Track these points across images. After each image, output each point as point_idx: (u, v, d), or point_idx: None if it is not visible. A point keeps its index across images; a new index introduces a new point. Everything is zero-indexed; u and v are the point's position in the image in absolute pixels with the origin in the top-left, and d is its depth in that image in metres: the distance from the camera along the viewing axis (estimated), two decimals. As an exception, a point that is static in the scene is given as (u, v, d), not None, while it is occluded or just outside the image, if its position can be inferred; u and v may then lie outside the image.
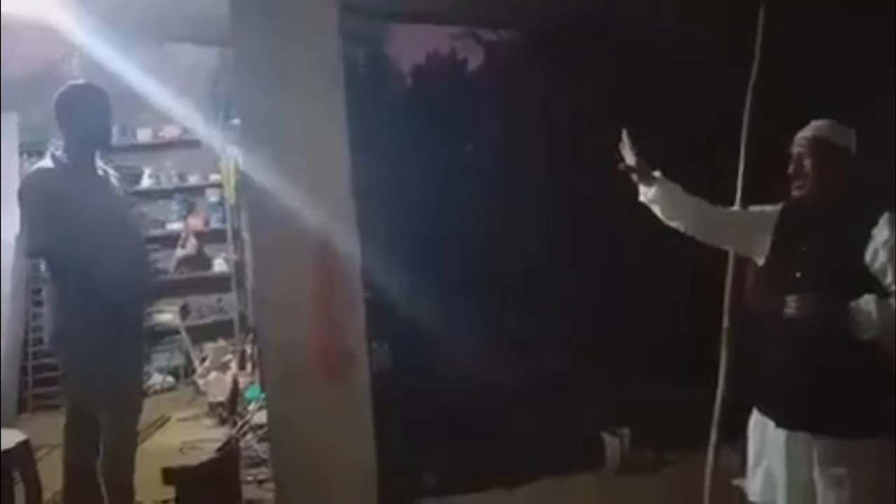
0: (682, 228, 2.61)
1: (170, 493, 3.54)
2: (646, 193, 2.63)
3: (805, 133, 2.44)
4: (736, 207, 2.87)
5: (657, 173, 2.61)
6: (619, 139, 2.64)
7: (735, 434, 2.69)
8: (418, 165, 4.33)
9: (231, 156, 5.80)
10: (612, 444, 4.12)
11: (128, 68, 4.56)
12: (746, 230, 2.61)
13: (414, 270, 3.89)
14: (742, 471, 2.62)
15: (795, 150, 2.44)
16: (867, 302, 2.19)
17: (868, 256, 2.25)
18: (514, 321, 4.64)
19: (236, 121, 4.14)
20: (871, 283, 2.24)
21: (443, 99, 4.85)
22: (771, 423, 2.43)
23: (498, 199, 4.74)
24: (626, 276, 4.70)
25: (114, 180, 3.49)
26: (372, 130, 3.77)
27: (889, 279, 2.22)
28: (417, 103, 4.85)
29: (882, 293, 2.21)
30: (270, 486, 3.73)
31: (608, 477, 4.05)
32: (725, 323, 3.01)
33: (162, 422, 5.22)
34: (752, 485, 2.52)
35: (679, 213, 2.60)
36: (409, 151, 4.30)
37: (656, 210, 2.63)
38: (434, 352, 4.28)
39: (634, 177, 2.62)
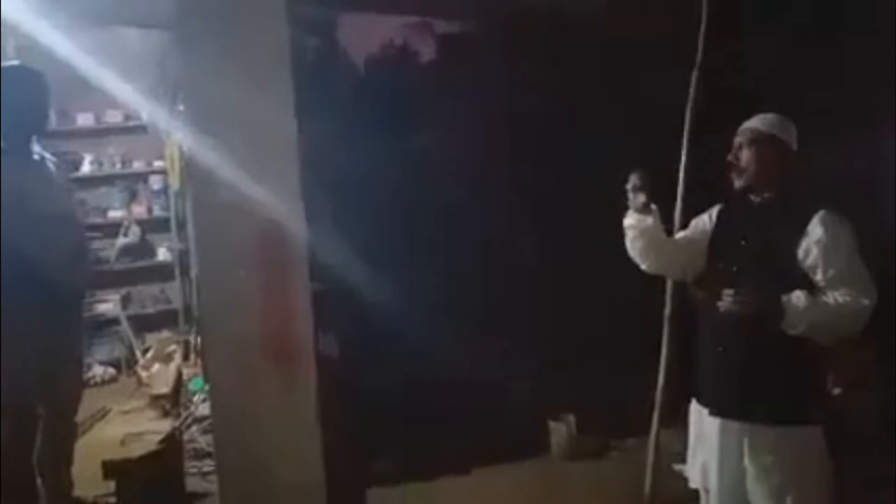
0: (643, 264, 2.61)
1: (110, 487, 3.48)
2: (632, 222, 2.58)
3: (747, 124, 2.47)
4: (677, 221, 2.85)
5: (654, 207, 2.56)
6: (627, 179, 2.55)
7: (676, 420, 2.74)
8: (368, 153, 4.30)
9: (176, 142, 5.69)
10: (558, 431, 4.21)
11: (70, 52, 4.39)
12: (696, 253, 2.59)
13: (362, 258, 3.89)
14: (683, 456, 2.67)
15: (737, 139, 2.47)
16: (798, 298, 2.23)
17: (800, 253, 2.29)
18: (464, 310, 4.65)
19: (182, 106, 4.06)
20: (804, 279, 2.28)
21: (395, 87, 4.83)
22: (706, 412, 2.48)
23: (449, 190, 4.74)
24: (575, 264, 4.75)
25: (51, 165, 3.41)
26: (321, 117, 3.74)
27: (819, 276, 2.26)
28: (369, 91, 4.83)
29: (812, 290, 2.25)
30: (214, 477, 3.69)
31: (554, 463, 4.13)
32: (667, 311, 3.05)
33: (102, 414, 5.10)
34: (691, 471, 2.58)
35: (648, 251, 2.58)
36: (359, 139, 4.27)
37: (629, 237, 2.60)
38: (382, 339, 4.28)
39: (633, 204, 2.56)
